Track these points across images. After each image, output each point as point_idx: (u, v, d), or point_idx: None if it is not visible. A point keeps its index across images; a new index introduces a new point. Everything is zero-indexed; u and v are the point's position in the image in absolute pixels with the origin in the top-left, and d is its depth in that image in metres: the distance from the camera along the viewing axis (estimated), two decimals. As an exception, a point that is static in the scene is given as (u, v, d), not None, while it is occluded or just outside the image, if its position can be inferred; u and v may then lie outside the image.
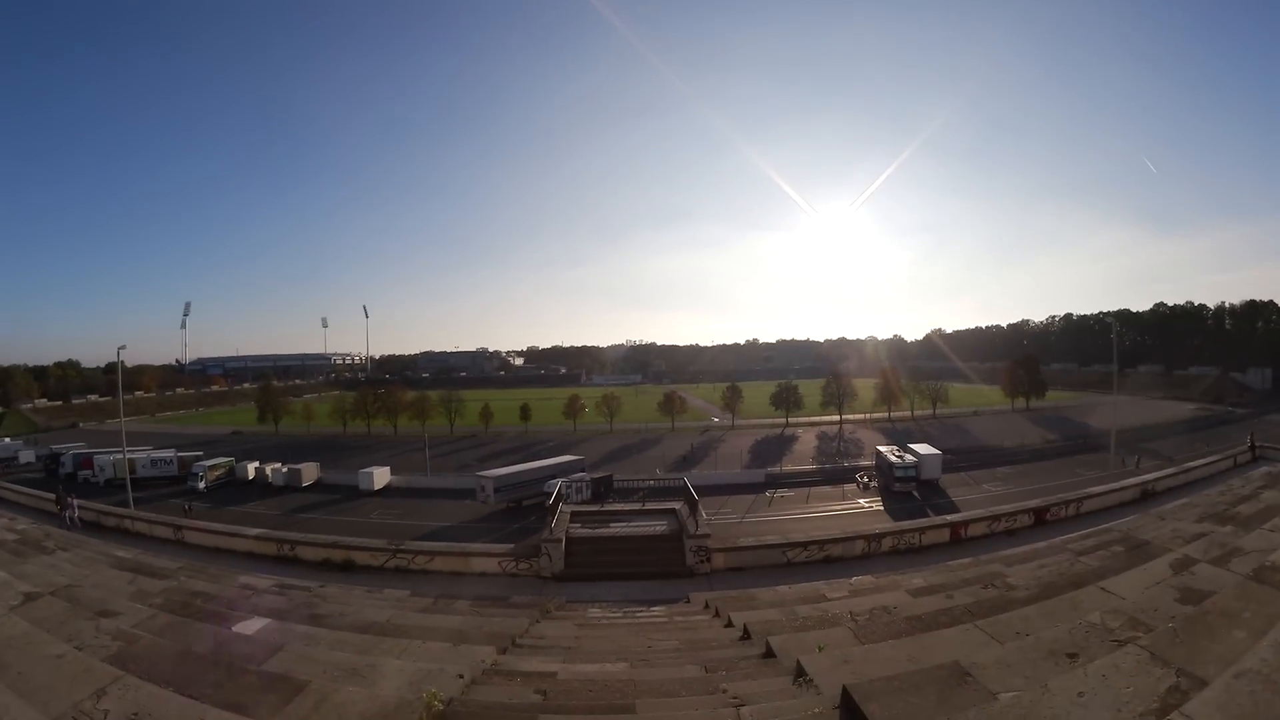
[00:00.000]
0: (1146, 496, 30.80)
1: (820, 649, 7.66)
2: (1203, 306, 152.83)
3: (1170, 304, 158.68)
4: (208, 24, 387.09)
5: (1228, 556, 7.76)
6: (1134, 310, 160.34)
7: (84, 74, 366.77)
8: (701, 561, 23.89)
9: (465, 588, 21.54)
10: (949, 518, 28.57)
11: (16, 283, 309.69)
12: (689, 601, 18.26)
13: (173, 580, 14.54)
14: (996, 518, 27.37)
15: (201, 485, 61.08)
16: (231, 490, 62.35)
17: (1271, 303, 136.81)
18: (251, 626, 9.69)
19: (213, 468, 64.68)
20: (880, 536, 25.77)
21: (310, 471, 64.40)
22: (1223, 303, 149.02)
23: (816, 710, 5.40)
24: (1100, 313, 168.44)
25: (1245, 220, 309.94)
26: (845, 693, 5.22)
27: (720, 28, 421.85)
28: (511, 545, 26.59)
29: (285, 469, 64.17)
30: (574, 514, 28.84)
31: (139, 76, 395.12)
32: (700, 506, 27.97)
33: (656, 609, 17.22)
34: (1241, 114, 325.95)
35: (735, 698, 6.31)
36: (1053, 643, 6.01)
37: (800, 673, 6.60)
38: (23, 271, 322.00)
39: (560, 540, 24.19)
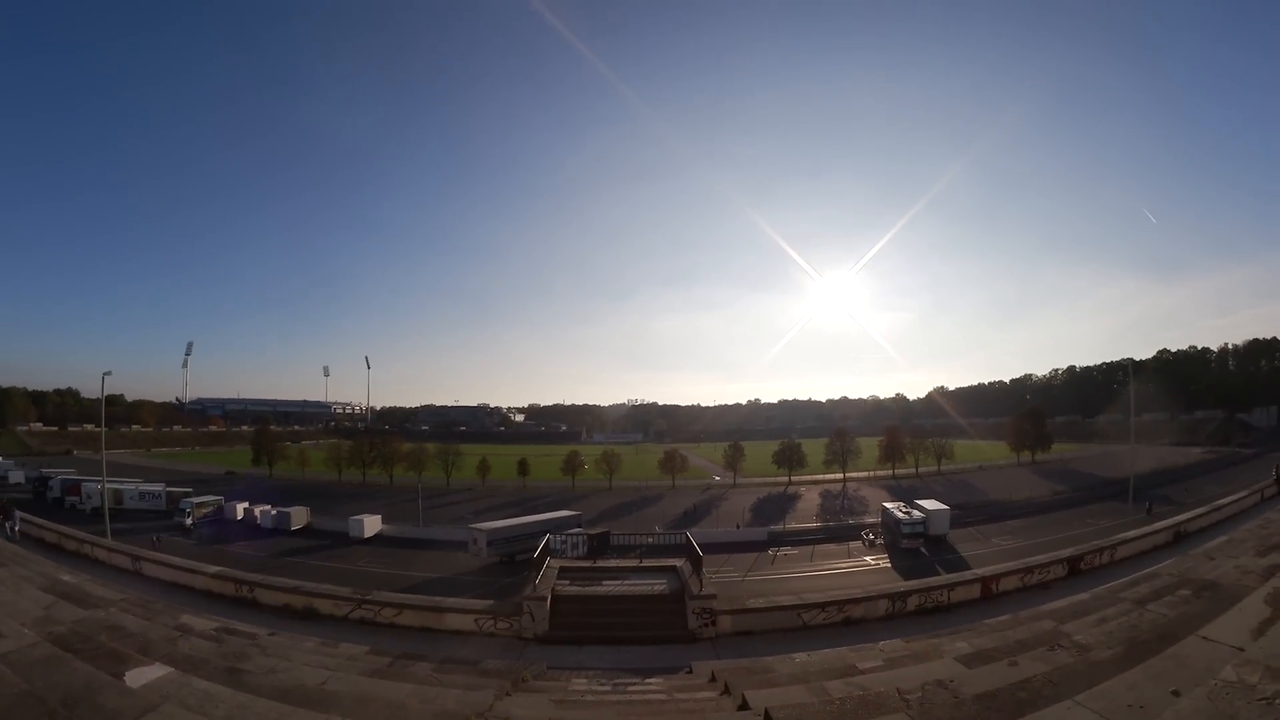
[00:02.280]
0: (1180, 538, 30.44)
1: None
2: (1206, 349, 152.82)
3: (1173, 350, 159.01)
4: (231, 48, 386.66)
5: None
6: (1137, 359, 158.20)
7: (93, 91, 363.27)
8: (706, 625, 21.25)
9: (437, 646, 19.14)
10: (980, 572, 26.49)
11: (25, 310, 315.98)
12: (691, 672, 15.75)
13: (100, 611, 13.16)
14: (1029, 569, 25.54)
15: (188, 521, 61.47)
16: (219, 528, 62.32)
17: (1275, 339, 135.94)
18: (145, 676, 8.42)
19: (200, 505, 65.07)
20: (905, 595, 23.17)
21: (300, 515, 64.00)
22: (1225, 344, 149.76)
23: None
24: (1104, 363, 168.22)
25: (1244, 261, 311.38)
26: None
27: (725, 92, 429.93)
28: (491, 602, 23.99)
29: (275, 511, 64.13)
30: (562, 569, 26.33)
31: (161, 94, 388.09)
32: (703, 564, 25.39)
33: (653, 681, 14.69)
34: (1234, 156, 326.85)
35: None
36: (1194, 716, 4.81)
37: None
38: (32, 300, 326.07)
39: (545, 598, 21.60)
